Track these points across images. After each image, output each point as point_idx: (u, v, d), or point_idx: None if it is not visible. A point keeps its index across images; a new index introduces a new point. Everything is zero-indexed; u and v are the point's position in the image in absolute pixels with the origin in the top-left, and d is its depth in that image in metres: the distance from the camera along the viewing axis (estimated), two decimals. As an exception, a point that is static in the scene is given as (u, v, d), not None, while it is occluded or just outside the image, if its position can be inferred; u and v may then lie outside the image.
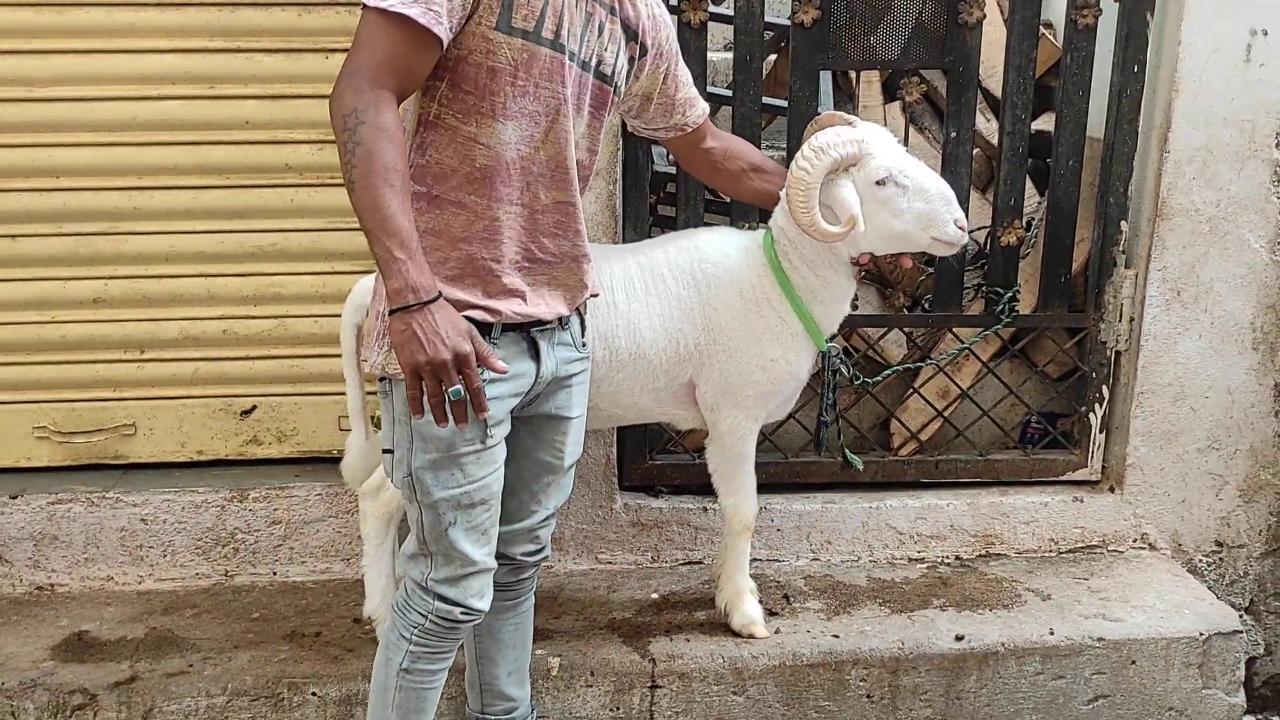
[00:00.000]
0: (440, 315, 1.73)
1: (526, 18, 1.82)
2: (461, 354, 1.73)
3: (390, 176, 1.70)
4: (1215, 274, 3.00)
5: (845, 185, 2.31)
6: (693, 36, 2.84)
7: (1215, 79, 2.88)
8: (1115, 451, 3.16)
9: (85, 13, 2.78)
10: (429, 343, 1.71)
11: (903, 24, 2.92)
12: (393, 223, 1.70)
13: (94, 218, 2.91)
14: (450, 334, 1.72)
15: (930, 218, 2.33)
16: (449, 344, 1.71)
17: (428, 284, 1.73)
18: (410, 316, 1.71)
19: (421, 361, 1.71)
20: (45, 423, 3.03)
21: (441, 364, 1.71)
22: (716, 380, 2.51)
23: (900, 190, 2.31)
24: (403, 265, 1.71)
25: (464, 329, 1.76)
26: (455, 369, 1.73)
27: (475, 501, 1.99)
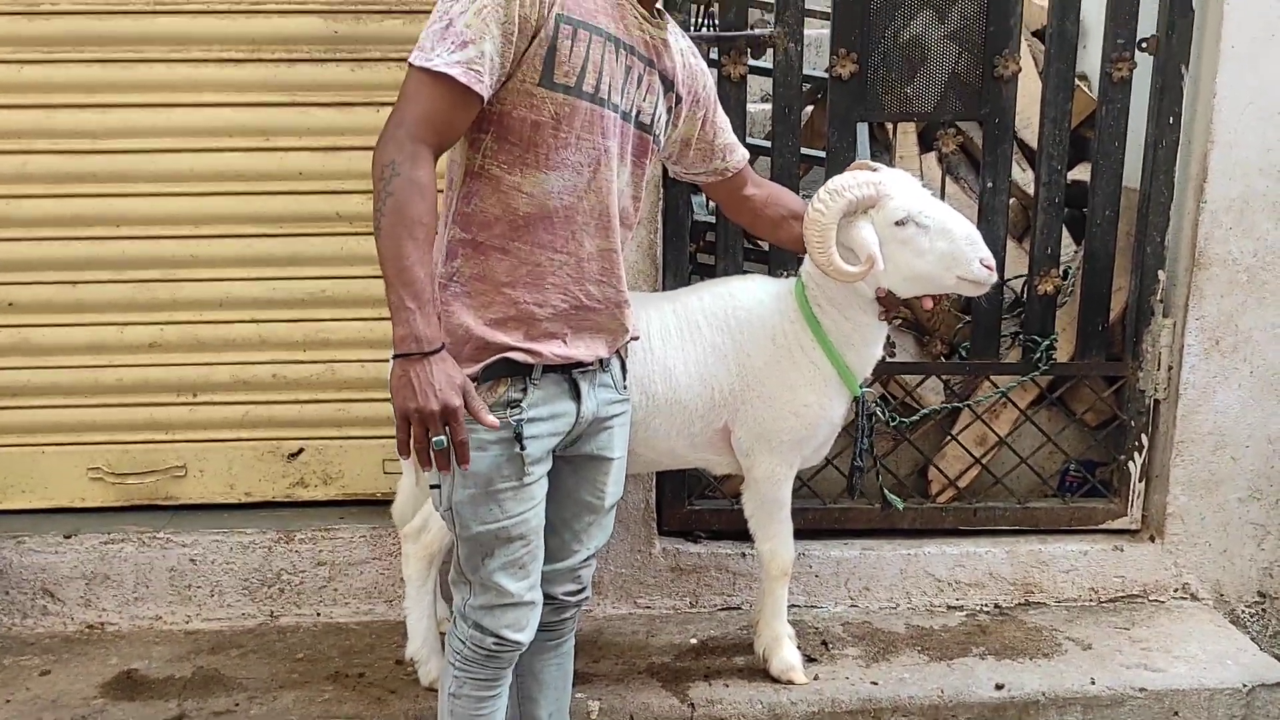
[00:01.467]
0: (438, 367, 1.79)
1: (568, 74, 1.89)
2: (450, 407, 1.78)
3: (415, 230, 1.77)
4: (1254, 323, 3.01)
5: (864, 226, 2.35)
6: (733, 89, 2.90)
7: (1251, 131, 2.90)
8: (1155, 500, 3.15)
9: (149, 69, 2.90)
10: (421, 391, 1.77)
11: (938, 77, 2.98)
12: (409, 273, 1.77)
13: (152, 265, 3.01)
14: (443, 386, 1.78)
15: (954, 257, 2.35)
16: (439, 396, 1.77)
17: (432, 335, 1.79)
18: (410, 364, 1.78)
19: (411, 408, 1.78)
20: (100, 464, 3.11)
21: (430, 414, 1.77)
22: (751, 426, 2.55)
23: (921, 230, 2.35)
24: (411, 314, 1.77)
25: (458, 383, 1.81)
26: (442, 420, 1.79)
27: (513, 536, 2.03)
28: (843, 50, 2.90)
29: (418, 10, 2.87)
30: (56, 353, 3.04)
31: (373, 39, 2.90)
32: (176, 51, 2.90)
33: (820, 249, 2.35)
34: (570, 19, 1.87)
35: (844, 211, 2.35)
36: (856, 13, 2.89)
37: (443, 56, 1.79)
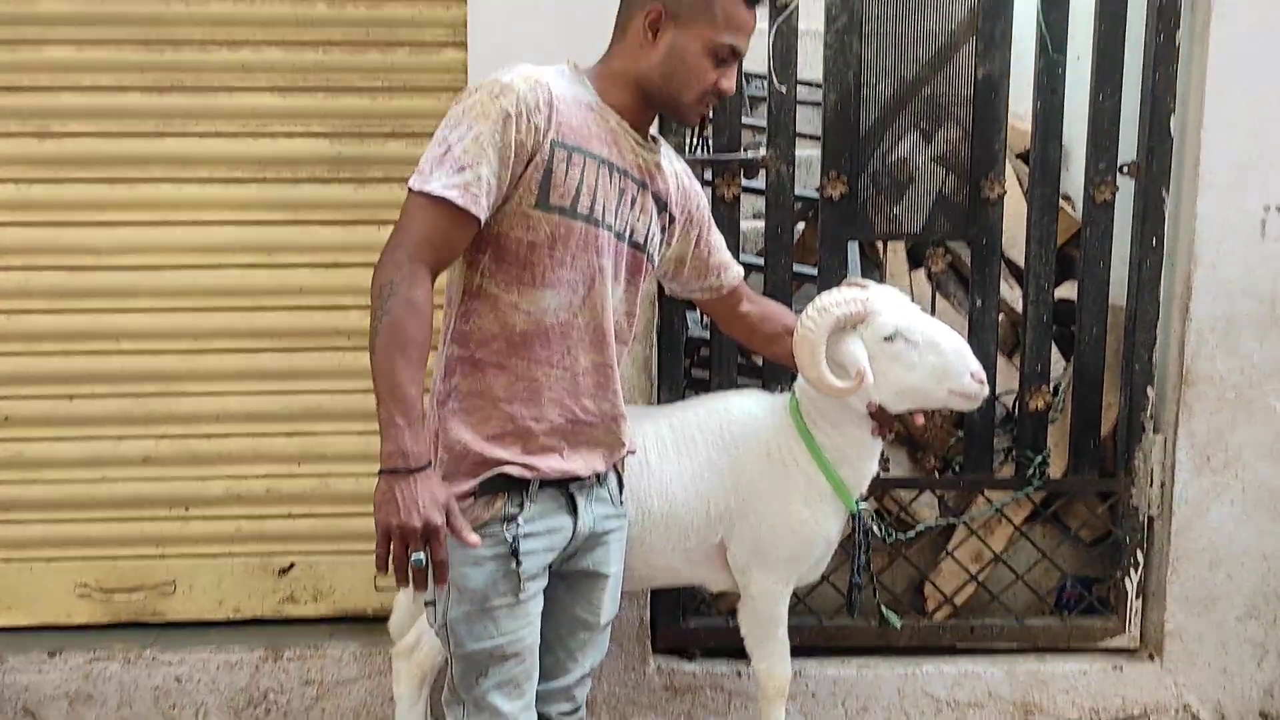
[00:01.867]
0: (422, 484, 1.80)
1: (563, 196, 1.94)
2: (431, 524, 1.78)
3: (408, 348, 1.81)
4: (1244, 440, 3.03)
5: (853, 342, 2.38)
6: (726, 209, 2.97)
7: (1232, 252, 2.97)
8: (1153, 618, 3.13)
9: (155, 188, 2.96)
10: (404, 508, 1.77)
11: (926, 198, 3.05)
12: (400, 390, 1.80)
13: (150, 379, 3.02)
14: (426, 503, 1.78)
15: (944, 371, 2.38)
16: (422, 512, 1.78)
17: (419, 452, 1.80)
18: (395, 480, 1.79)
19: (393, 524, 1.78)
20: (88, 580, 3.08)
21: (411, 530, 1.77)
22: (747, 542, 2.54)
23: (910, 345, 2.38)
24: (400, 431, 1.79)
25: (441, 500, 1.81)
26: (423, 538, 1.78)
27: (508, 654, 2.01)
28: (833, 172, 2.98)
29: (419, 133, 2.95)
30: (51, 467, 3.03)
31: (376, 160, 2.98)
32: (184, 172, 2.96)
33: (810, 365, 2.38)
34: (565, 144, 1.94)
35: (832, 328, 2.38)
36: (846, 136, 2.97)
37: (441, 180, 1.84)
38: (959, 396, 2.41)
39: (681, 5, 1.96)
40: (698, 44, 1.98)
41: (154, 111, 2.94)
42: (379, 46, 2.95)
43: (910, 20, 2.99)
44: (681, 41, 1.98)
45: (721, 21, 1.97)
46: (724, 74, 2.02)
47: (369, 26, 2.94)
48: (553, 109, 1.92)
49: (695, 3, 1.96)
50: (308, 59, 2.94)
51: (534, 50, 2.73)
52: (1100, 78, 2.98)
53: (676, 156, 2.25)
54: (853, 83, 2.95)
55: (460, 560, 1.95)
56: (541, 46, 2.74)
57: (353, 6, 2.93)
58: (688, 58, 1.99)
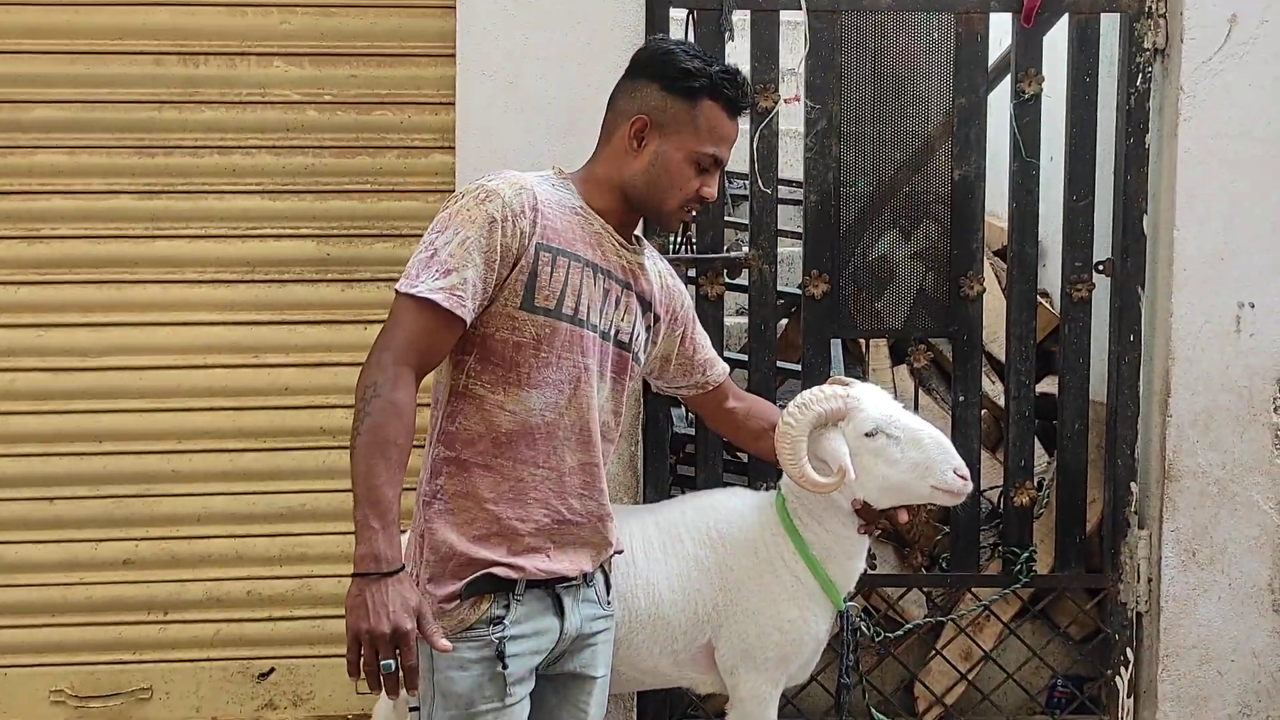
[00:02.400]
0: (394, 588, 1.79)
1: (548, 298, 1.97)
2: (400, 630, 1.77)
3: (388, 450, 1.83)
4: (1228, 535, 3.04)
5: (835, 438, 2.39)
6: (710, 307, 3.01)
7: (1209, 348, 3.01)
8: (1145, 717, 3.10)
9: (143, 289, 2.98)
10: (374, 612, 1.77)
11: (907, 295, 3.10)
12: (378, 492, 1.81)
13: (132, 480, 3.00)
14: (396, 608, 1.78)
15: (927, 466, 2.38)
16: (392, 618, 1.77)
17: (392, 556, 1.80)
18: (367, 584, 1.78)
19: (363, 629, 1.77)
20: (63, 686, 3.01)
21: (380, 636, 1.76)
22: (735, 642, 2.51)
23: (892, 441, 2.38)
24: (375, 534, 1.79)
25: (412, 605, 1.81)
26: (392, 644, 1.77)
27: None
28: (815, 271, 3.03)
29: (407, 235, 2.99)
30: (27, 570, 2.98)
31: (363, 260, 3.01)
32: (171, 273, 2.98)
33: (791, 461, 2.39)
34: (550, 247, 1.97)
35: (813, 424, 2.39)
36: (827, 235, 3.03)
37: (427, 283, 1.87)
38: (942, 492, 2.40)
39: (666, 116, 2.01)
40: (681, 154, 2.02)
41: (144, 214, 2.97)
42: (368, 151, 3.00)
43: (887, 123, 3.07)
44: (665, 151, 2.02)
45: (705, 132, 2.02)
46: (706, 182, 2.07)
47: (358, 131, 3.00)
48: (537, 213, 1.97)
49: (680, 114, 2.01)
50: (297, 163, 2.99)
51: (521, 154, 2.81)
52: (1073, 180, 3.05)
53: (660, 257, 2.29)
54: (832, 183, 3.02)
55: (446, 664, 1.93)
56: (529, 150, 2.83)
57: (342, 112, 2.99)
58: (671, 167, 2.03)
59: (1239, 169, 2.99)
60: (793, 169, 4.34)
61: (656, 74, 2.03)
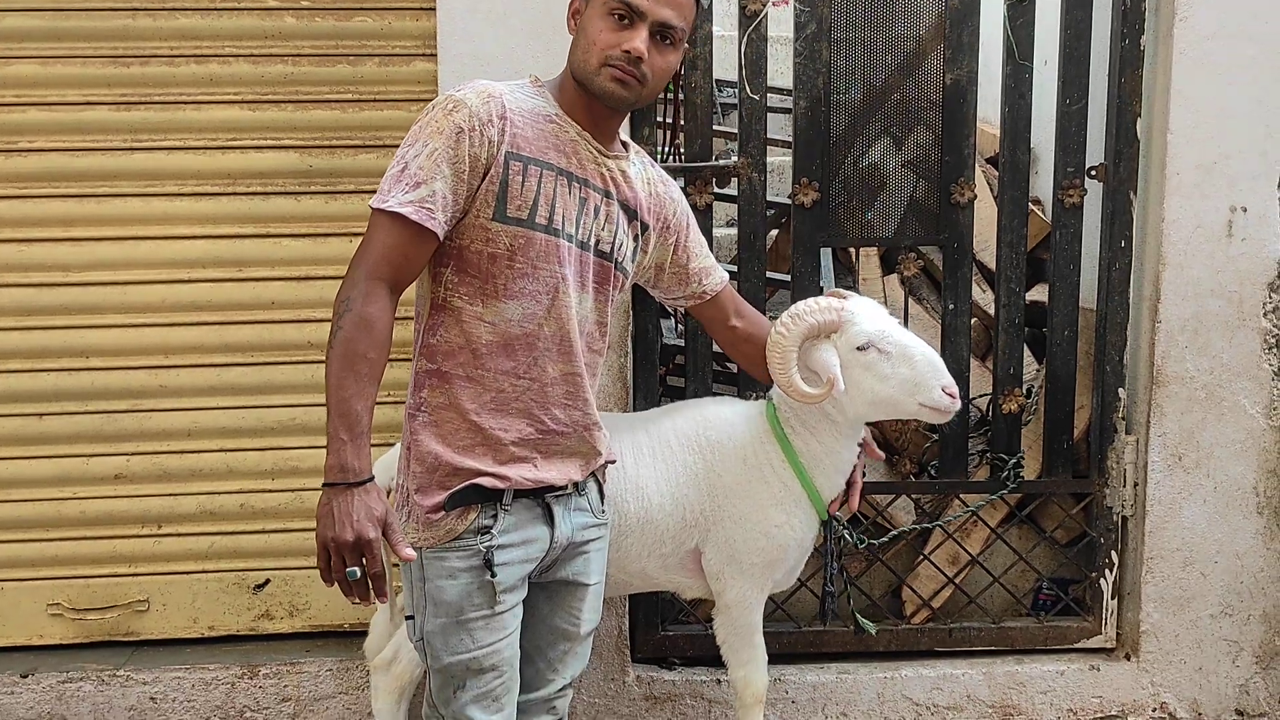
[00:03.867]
0: (359, 499, 1.82)
1: (520, 208, 1.97)
2: (364, 538, 1.80)
3: (358, 364, 1.85)
4: (1215, 439, 3.06)
5: (826, 350, 2.39)
6: (699, 217, 2.94)
7: (1200, 253, 3.00)
8: (1129, 618, 3.15)
9: (124, 203, 2.94)
10: (339, 521, 1.80)
11: (897, 203, 3.07)
12: (347, 404, 1.84)
13: (120, 396, 3.00)
14: (360, 517, 1.81)
15: (916, 383, 2.39)
16: (355, 526, 1.80)
17: (360, 467, 1.83)
18: (335, 494, 1.82)
19: (329, 537, 1.81)
20: (59, 600, 3.05)
21: (345, 544, 1.80)
22: (722, 547, 2.54)
23: (883, 356, 2.39)
24: (343, 445, 1.82)
25: (378, 514, 1.83)
26: (356, 552, 1.80)
27: (485, 667, 2.01)
28: (804, 179, 2.99)
29: (390, 145, 2.94)
30: (21, 486, 3.00)
31: (346, 172, 2.97)
32: (152, 186, 2.94)
33: (781, 370, 2.40)
34: (520, 155, 1.96)
35: (805, 335, 2.40)
36: (817, 143, 2.99)
37: (397, 197, 1.88)
38: (930, 410, 2.42)
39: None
40: (595, 10, 1.99)
41: (121, 126, 2.92)
42: (348, 59, 2.95)
43: (878, 27, 3.00)
44: (586, 15, 2.01)
45: None
46: (626, 35, 1.97)
47: (337, 39, 2.94)
48: (506, 120, 1.95)
49: None
50: (276, 71, 2.93)
51: (504, 60, 2.76)
52: (1067, 83, 3.00)
53: (652, 162, 2.26)
54: (822, 90, 2.96)
55: (435, 573, 1.96)
56: (511, 57, 2.77)
57: (320, 19, 2.93)
58: (589, 28, 1.99)
59: (1233, 71, 2.94)
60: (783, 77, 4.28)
61: None
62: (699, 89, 2.94)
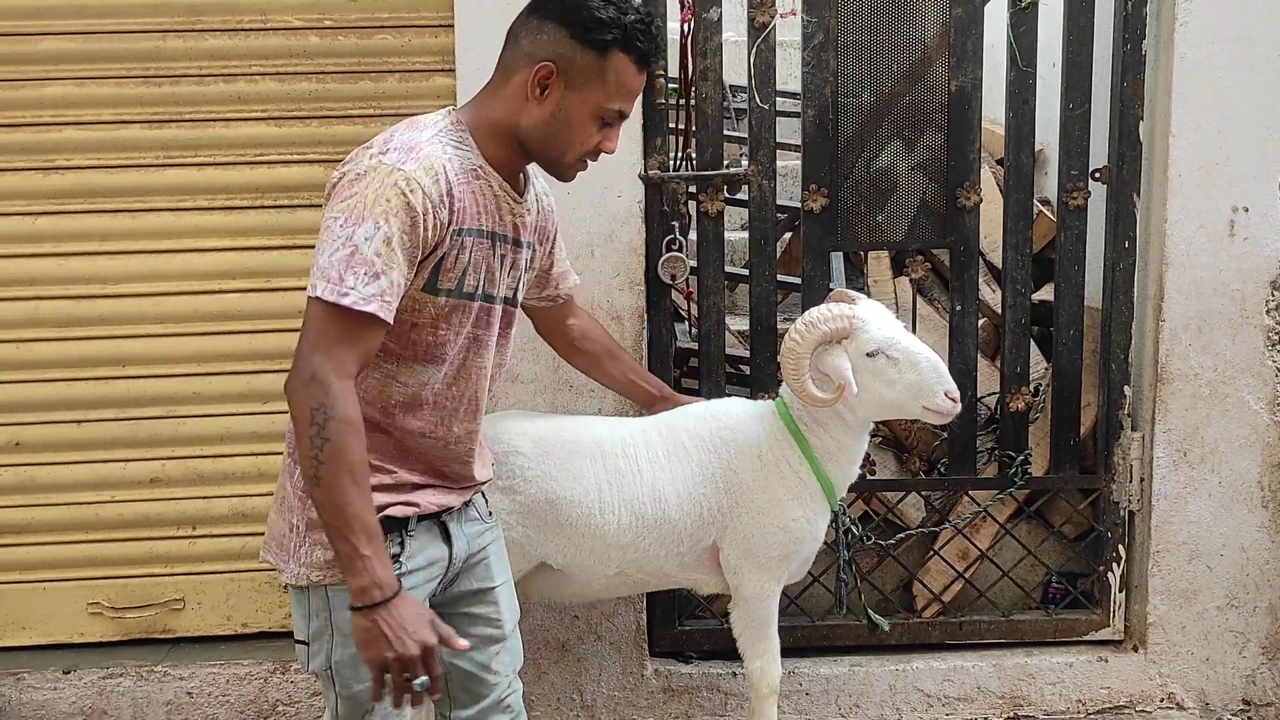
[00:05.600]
0: (404, 608, 1.78)
1: (450, 279, 1.92)
2: (427, 646, 1.78)
3: (357, 473, 1.77)
4: (1219, 435, 3.12)
5: (838, 355, 2.49)
6: (710, 224, 3.07)
7: (1203, 253, 3.06)
8: (1136, 610, 3.22)
9: (156, 217, 3.06)
10: (396, 639, 1.75)
11: (905, 207, 3.15)
12: (360, 520, 1.77)
13: (155, 403, 3.11)
14: (416, 627, 1.78)
15: (921, 388, 2.49)
16: (415, 638, 1.77)
17: (390, 579, 1.79)
18: (376, 614, 1.77)
19: (389, 659, 1.76)
20: (99, 599, 3.17)
21: (410, 659, 1.76)
22: (740, 542, 2.63)
23: (891, 362, 2.49)
24: (368, 562, 1.76)
25: (427, 618, 1.81)
26: (423, 662, 1.78)
27: None
28: (814, 185, 3.07)
29: (412, 157, 3.04)
30: (61, 490, 3.12)
31: (369, 188, 3.06)
32: (183, 201, 3.06)
33: (794, 376, 2.49)
34: (461, 230, 1.91)
35: (819, 342, 2.50)
36: (825, 150, 3.06)
37: (358, 290, 1.76)
38: (932, 413, 2.53)
39: (574, 68, 1.91)
40: (586, 109, 1.93)
41: (154, 143, 3.04)
42: (370, 75, 3.05)
43: (884, 35, 3.07)
44: (570, 104, 1.93)
45: (613, 88, 1.93)
46: (607, 136, 1.99)
47: (360, 56, 3.04)
48: (452, 198, 1.88)
49: (589, 67, 1.91)
50: (301, 89, 3.04)
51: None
52: (1070, 87, 3.07)
53: (539, 173, 2.16)
54: (830, 97, 3.04)
55: (343, 603, 1.87)
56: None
57: (344, 38, 3.03)
58: (574, 121, 1.94)
59: (1234, 74, 3.00)
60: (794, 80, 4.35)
61: (566, 19, 1.90)
62: (709, 99, 3.02)
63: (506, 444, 2.57)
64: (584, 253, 2.97)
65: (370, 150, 1.87)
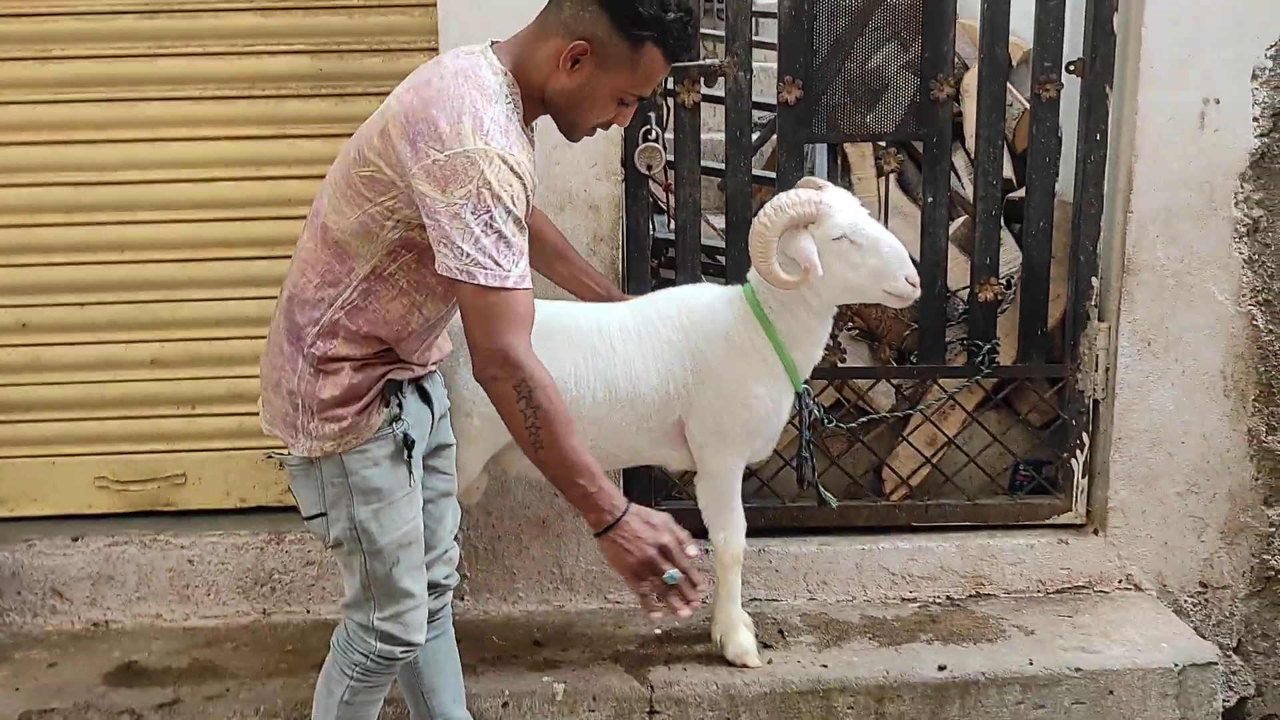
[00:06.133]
0: (636, 520, 1.98)
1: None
2: (663, 544, 1.97)
3: (570, 427, 1.98)
4: (1184, 326, 3.19)
5: (805, 239, 2.58)
6: (687, 116, 3.13)
7: (1173, 145, 3.10)
8: (1098, 496, 3.32)
9: (150, 107, 3.16)
10: (636, 546, 1.96)
11: (879, 100, 3.20)
12: (581, 464, 1.97)
13: (154, 287, 3.24)
14: (648, 536, 1.97)
15: (882, 272, 2.58)
16: (652, 540, 1.97)
17: (617, 502, 1.99)
18: (615, 534, 1.97)
19: (635, 563, 1.97)
20: (105, 473, 3.34)
21: (649, 561, 1.96)
22: (706, 419, 2.75)
23: (856, 247, 2.58)
24: (597, 496, 1.97)
25: (660, 522, 2.00)
26: (664, 558, 1.97)
27: (413, 539, 2.23)
28: (788, 78, 3.12)
29: (396, 49, 3.13)
30: (66, 369, 3.27)
31: (355, 75, 3.15)
32: (176, 90, 3.15)
33: (762, 258, 2.59)
34: None
35: (786, 226, 2.59)
36: (800, 41, 3.11)
37: (514, 271, 1.96)
38: (893, 296, 2.64)
39: (608, 51, 2.01)
40: (610, 89, 2.06)
41: (146, 34, 3.12)
42: (356, -35, 3.11)
43: (861, -74, 3.10)
44: (597, 82, 2.05)
45: (641, 77, 2.05)
46: (623, 114, 2.15)
47: (346, -56, 3.10)
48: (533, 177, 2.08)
49: (621, 53, 2.01)
50: (288, -20, 3.11)
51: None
52: (1044, -22, 3.09)
53: None
54: (805, -11, 3.08)
55: (359, 466, 2.14)
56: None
57: (330, -75, 3.09)
58: (597, 98, 2.08)
59: (1210, -36, 3.01)
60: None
61: (611, 5, 1.99)
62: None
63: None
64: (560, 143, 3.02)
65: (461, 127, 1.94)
